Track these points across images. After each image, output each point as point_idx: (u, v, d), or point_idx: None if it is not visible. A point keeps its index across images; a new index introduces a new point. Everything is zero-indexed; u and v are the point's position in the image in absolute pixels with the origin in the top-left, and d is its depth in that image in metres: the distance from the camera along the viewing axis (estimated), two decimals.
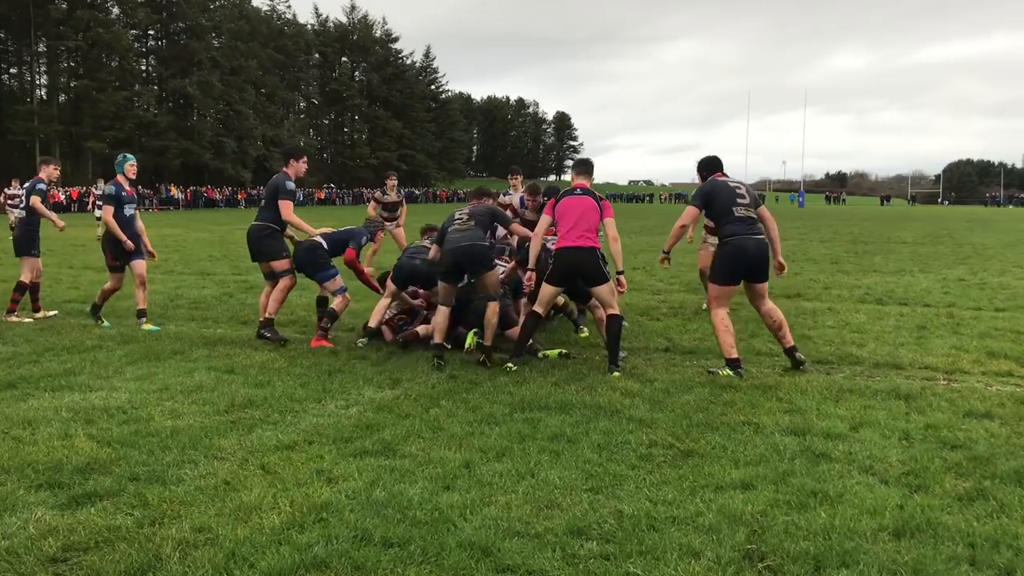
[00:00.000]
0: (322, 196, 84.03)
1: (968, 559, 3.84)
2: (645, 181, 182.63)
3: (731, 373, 7.48)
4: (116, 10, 77.84)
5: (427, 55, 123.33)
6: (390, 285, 9.10)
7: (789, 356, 7.87)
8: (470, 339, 8.32)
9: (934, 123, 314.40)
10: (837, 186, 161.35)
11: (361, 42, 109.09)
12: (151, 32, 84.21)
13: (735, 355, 7.62)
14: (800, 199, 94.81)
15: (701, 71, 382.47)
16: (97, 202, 27.30)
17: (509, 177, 11.99)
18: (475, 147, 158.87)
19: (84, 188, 58.57)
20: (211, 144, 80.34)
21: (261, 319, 9.15)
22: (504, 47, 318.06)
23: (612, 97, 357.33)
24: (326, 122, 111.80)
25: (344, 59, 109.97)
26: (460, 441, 5.53)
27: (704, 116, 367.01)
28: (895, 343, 9.15)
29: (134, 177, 10.24)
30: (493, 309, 7.99)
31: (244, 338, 9.32)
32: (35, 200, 10.51)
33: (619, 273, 7.90)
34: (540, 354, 8.26)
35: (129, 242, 9.95)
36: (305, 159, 9.71)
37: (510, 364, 7.73)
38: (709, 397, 6.77)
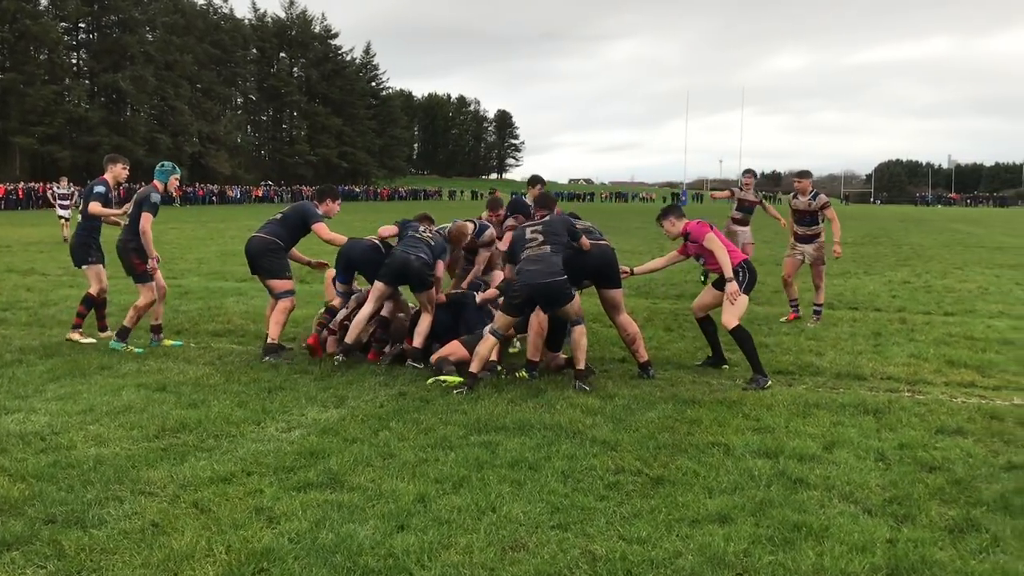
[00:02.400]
0: (260, 194, 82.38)
1: None
2: (585, 180, 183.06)
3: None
4: (44, 1, 75.32)
5: (367, 51, 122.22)
6: (377, 286, 8.10)
7: (642, 369, 7.86)
8: (451, 379, 7.48)
9: (868, 124, 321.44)
10: (773, 185, 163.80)
11: (300, 38, 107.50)
12: (82, 25, 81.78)
13: (535, 358, 7.73)
14: None
15: (645, 70, 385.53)
16: (61, 202, 25.94)
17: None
18: (416, 145, 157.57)
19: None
20: (145, 140, 78.29)
21: (266, 343, 8.43)
22: (446, 45, 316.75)
23: (555, 96, 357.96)
24: (264, 118, 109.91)
25: (282, 55, 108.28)
26: (413, 469, 5.11)
27: (646, 115, 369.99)
28: (854, 351, 8.96)
29: (172, 191, 9.44)
30: (581, 331, 7.44)
31: (177, 351, 8.75)
32: (94, 206, 9.22)
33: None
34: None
35: (157, 256, 9.06)
36: (340, 201, 9.20)
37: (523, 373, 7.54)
38: (673, 414, 6.45)
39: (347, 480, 4.94)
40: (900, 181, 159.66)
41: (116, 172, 9.46)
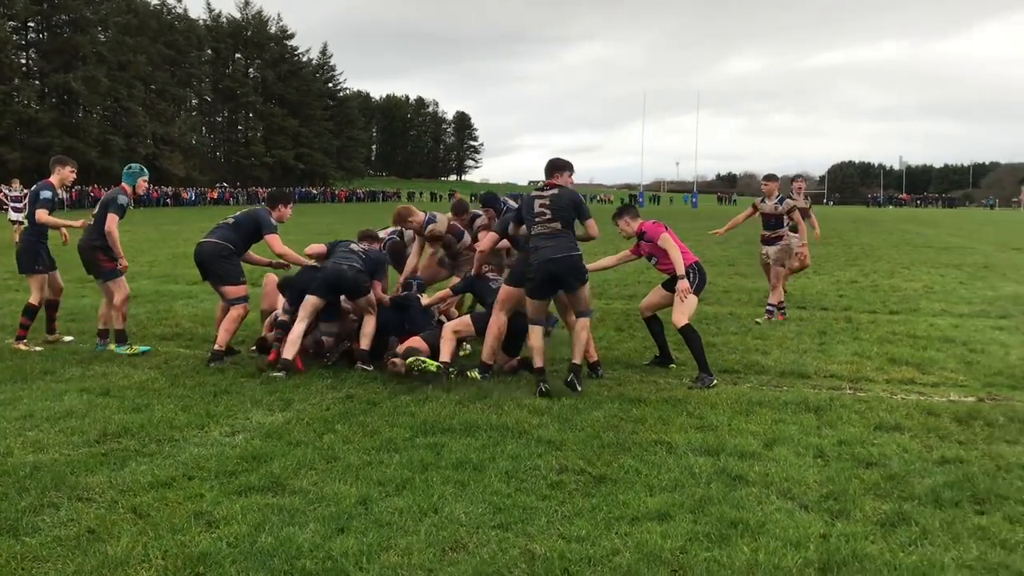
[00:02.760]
0: (215, 196, 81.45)
1: None
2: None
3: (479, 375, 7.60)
4: None
5: (324, 52, 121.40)
6: (309, 300, 7.92)
7: (591, 369, 7.92)
8: (431, 362, 7.51)
9: (822, 126, 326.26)
10: (728, 187, 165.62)
11: (255, 38, 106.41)
12: (31, 24, 80.00)
13: (490, 361, 7.72)
14: (693, 200, 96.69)
15: (604, 73, 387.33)
16: (14, 204, 25.24)
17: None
18: (374, 146, 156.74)
19: None
20: (97, 142, 76.94)
21: (213, 349, 8.31)
22: (404, 46, 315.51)
23: (516, 98, 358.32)
24: (219, 120, 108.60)
25: (238, 55, 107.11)
26: (356, 472, 5.10)
27: (606, 118, 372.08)
28: (799, 350, 9.11)
29: (142, 193, 9.33)
30: (583, 324, 7.41)
31: (123, 354, 8.63)
32: (41, 214, 9.01)
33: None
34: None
35: (125, 261, 9.04)
36: (292, 206, 9.02)
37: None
38: (619, 413, 6.51)
39: (289, 483, 4.92)
40: (853, 182, 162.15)
41: (63, 175, 9.29)
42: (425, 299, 8.66)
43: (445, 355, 7.64)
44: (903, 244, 27.95)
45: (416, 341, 7.74)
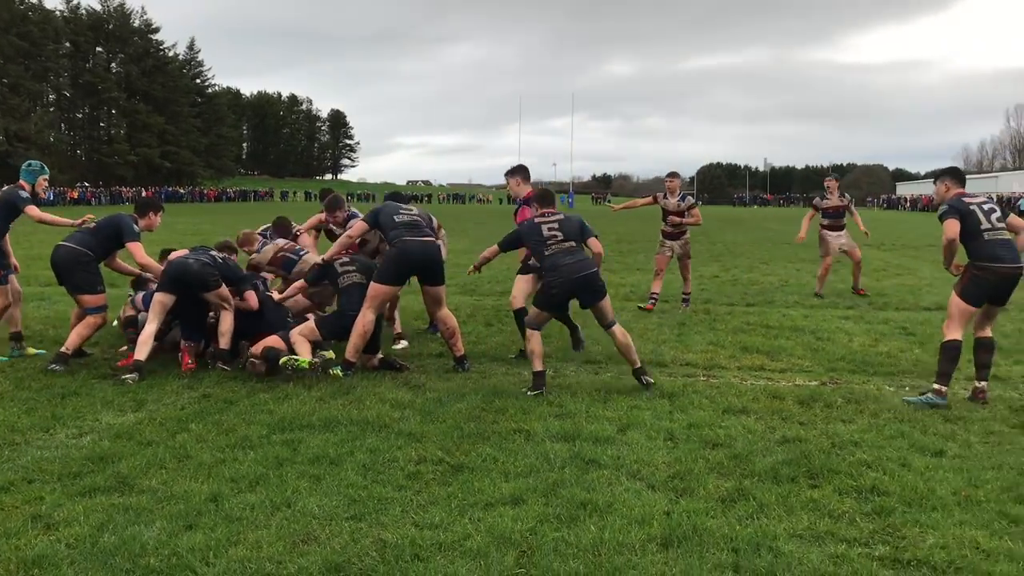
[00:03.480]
0: (75, 195, 77.67)
1: (732, 565, 3.84)
2: (424, 181, 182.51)
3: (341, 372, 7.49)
4: None
5: (191, 47, 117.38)
6: (159, 299, 7.67)
7: (457, 363, 8.02)
8: (289, 359, 7.38)
9: (693, 128, 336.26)
10: (603, 187, 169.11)
11: (118, 32, 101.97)
12: None
13: (353, 359, 7.64)
14: (570, 200, 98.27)
15: (483, 74, 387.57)
16: None
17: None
18: (245, 144, 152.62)
19: None
20: None
21: (59, 350, 7.86)
22: (276, 43, 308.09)
23: (394, 97, 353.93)
24: (80, 116, 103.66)
25: (99, 49, 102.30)
26: (209, 470, 5.00)
27: (484, 119, 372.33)
28: (658, 341, 9.41)
29: (41, 193, 8.65)
30: (620, 331, 7.31)
31: None
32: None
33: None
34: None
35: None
36: (161, 214, 8.68)
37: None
38: (482, 404, 6.59)
39: (137, 483, 4.79)
40: (721, 183, 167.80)
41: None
42: (277, 294, 8.46)
43: (304, 353, 7.54)
44: (764, 241, 29.18)
45: (274, 340, 7.62)
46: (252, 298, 8.10)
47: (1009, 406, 6.72)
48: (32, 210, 8.23)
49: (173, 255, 8.26)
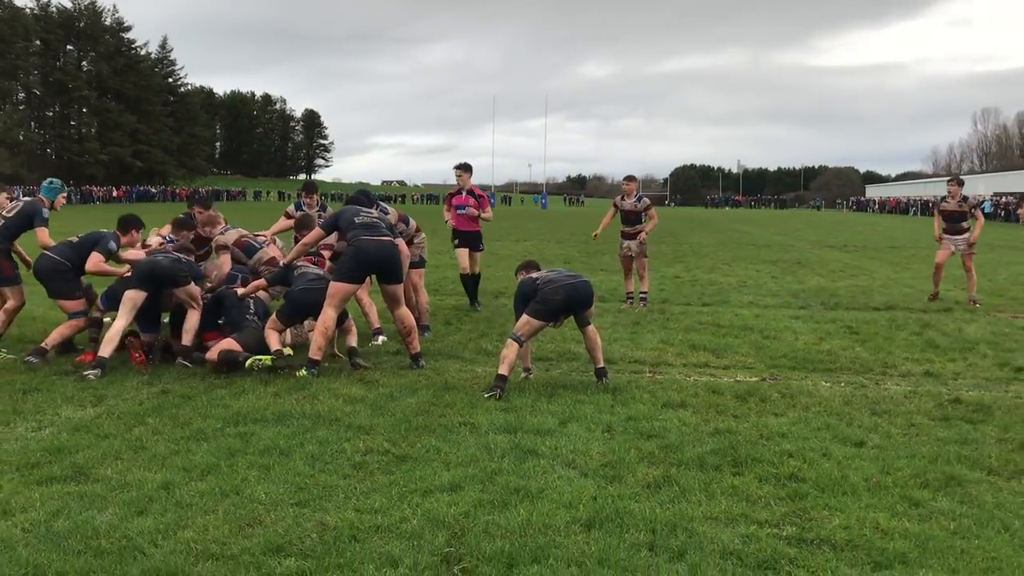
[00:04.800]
0: None
1: (648, 544, 4.12)
2: (399, 181, 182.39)
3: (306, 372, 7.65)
4: None
5: (163, 46, 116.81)
6: (129, 296, 7.85)
7: (413, 360, 8.24)
8: (254, 360, 7.62)
9: (668, 130, 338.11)
10: (577, 189, 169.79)
11: (89, 30, 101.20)
12: None
13: (318, 357, 7.76)
14: (543, 201, 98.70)
15: (458, 74, 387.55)
16: None
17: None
18: (218, 144, 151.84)
19: None
20: None
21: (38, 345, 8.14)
22: (249, 42, 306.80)
23: (370, 97, 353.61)
24: (50, 114, 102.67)
25: (70, 47, 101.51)
26: (163, 461, 5.24)
27: (461, 119, 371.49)
28: (610, 339, 9.69)
29: (58, 210, 8.99)
30: (594, 331, 7.58)
31: None
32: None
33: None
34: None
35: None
36: (143, 230, 9.03)
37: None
38: (432, 399, 6.85)
39: (93, 472, 5.01)
40: (694, 184, 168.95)
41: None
42: (240, 289, 8.67)
43: (274, 344, 7.89)
44: (729, 242, 29.62)
45: (228, 343, 7.85)
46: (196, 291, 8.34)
47: (936, 401, 7.06)
48: (43, 234, 8.49)
49: (131, 253, 8.43)
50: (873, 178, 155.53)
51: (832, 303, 13.24)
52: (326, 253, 9.25)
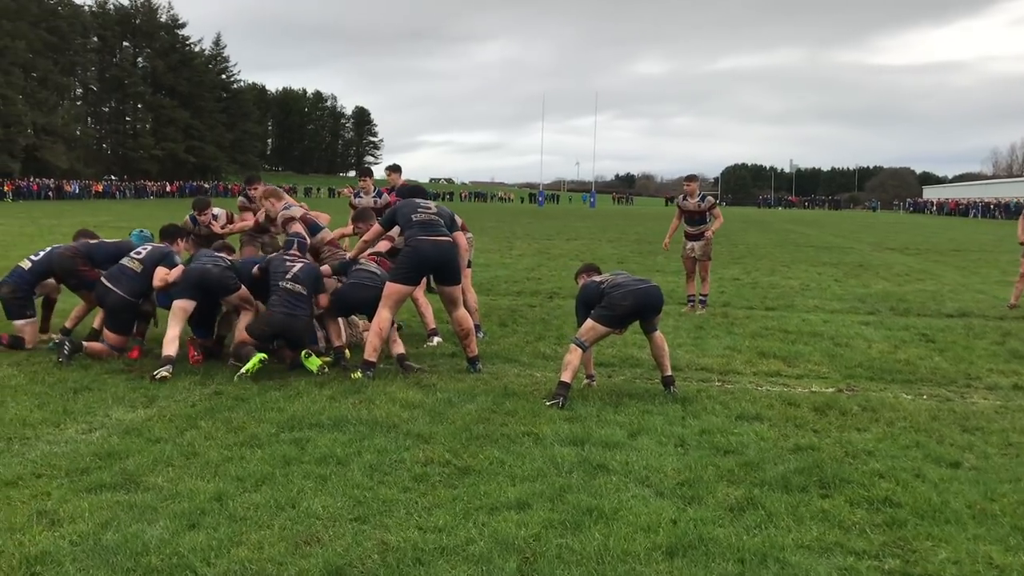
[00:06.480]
0: (100, 189, 78.39)
1: None
2: (446, 179, 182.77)
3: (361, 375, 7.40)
4: None
5: (217, 43, 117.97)
6: (179, 305, 7.63)
7: (470, 363, 7.96)
8: (253, 362, 7.30)
9: (719, 129, 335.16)
10: (626, 187, 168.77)
11: (144, 27, 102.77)
12: None
13: (373, 359, 7.49)
14: (592, 200, 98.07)
15: (509, 72, 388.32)
16: None
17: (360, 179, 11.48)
18: (270, 140, 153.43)
19: None
20: None
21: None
22: (301, 39, 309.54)
23: (422, 95, 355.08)
24: (106, 110, 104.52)
25: (126, 44, 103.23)
26: (215, 468, 5.00)
27: (510, 117, 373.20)
28: (673, 344, 9.29)
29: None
30: (661, 337, 7.21)
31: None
32: None
33: None
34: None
35: None
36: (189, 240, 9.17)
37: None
38: (491, 406, 6.54)
39: (143, 480, 4.79)
40: (745, 184, 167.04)
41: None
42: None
43: (336, 339, 7.93)
44: (786, 243, 28.95)
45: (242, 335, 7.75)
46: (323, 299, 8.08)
47: None
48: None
49: (174, 274, 8.13)
50: (929, 179, 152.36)
51: (902, 309, 12.70)
52: (383, 245, 8.89)
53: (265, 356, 7.34)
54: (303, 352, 7.53)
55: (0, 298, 8.41)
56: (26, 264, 8.55)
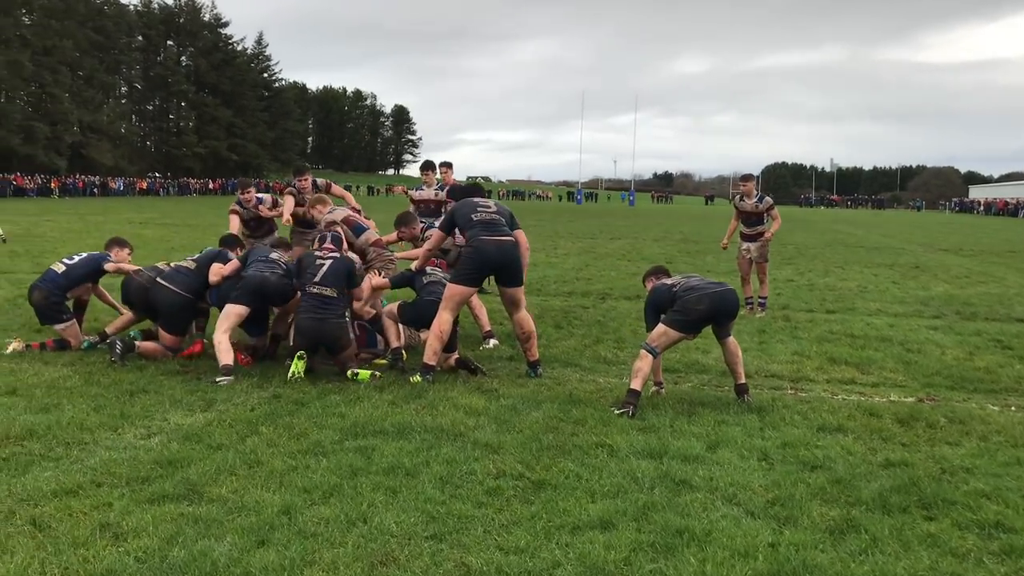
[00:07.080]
0: (144, 186, 79.33)
1: None
2: (483, 177, 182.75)
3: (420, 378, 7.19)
4: None
5: (259, 42, 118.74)
6: (235, 311, 7.51)
7: (531, 367, 7.70)
8: (296, 363, 7.21)
9: (761, 127, 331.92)
10: (664, 186, 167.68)
11: (188, 26, 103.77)
12: None
13: (432, 362, 7.31)
14: (631, 198, 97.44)
15: (548, 71, 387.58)
16: None
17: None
18: (311, 138, 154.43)
19: None
20: (20, 128, 74.01)
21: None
22: (341, 38, 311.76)
23: (461, 93, 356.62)
24: (150, 108, 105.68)
25: (170, 43, 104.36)
26: (280, 479, 4.78)
27: (548, 115, 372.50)
28: None
29: None
30: (735, 343, 6.91)
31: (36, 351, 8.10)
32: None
33: None
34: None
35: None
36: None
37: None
38: (559, 414, 6.28)
39: (207, 491, 4.58)
40: (786, 183, 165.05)
41: None
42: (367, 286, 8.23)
43: (394, 341, 7.74)
44: (835, 243, 28.35)
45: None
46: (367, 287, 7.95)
47: None
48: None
49: (229, 269, 8.03)
50: (974, 178, 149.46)
51: (968, 313, 12.23)
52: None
53: (303, 352, 7.21)
54: (348, 372, 7.27)
55: (32, 303, 8.30)
56: (59, 267, 8.39)
